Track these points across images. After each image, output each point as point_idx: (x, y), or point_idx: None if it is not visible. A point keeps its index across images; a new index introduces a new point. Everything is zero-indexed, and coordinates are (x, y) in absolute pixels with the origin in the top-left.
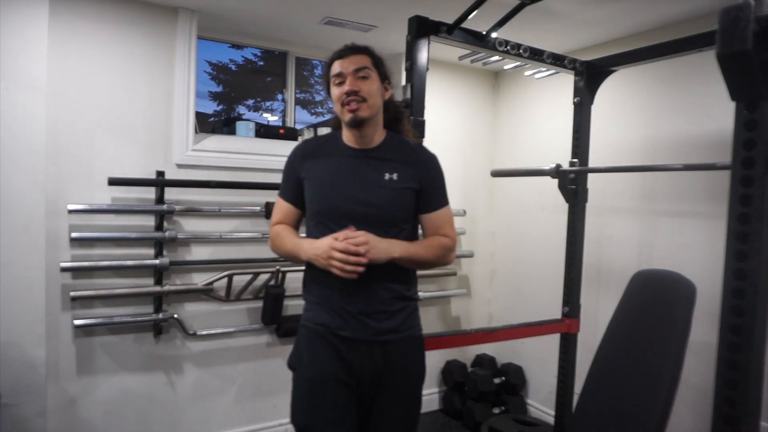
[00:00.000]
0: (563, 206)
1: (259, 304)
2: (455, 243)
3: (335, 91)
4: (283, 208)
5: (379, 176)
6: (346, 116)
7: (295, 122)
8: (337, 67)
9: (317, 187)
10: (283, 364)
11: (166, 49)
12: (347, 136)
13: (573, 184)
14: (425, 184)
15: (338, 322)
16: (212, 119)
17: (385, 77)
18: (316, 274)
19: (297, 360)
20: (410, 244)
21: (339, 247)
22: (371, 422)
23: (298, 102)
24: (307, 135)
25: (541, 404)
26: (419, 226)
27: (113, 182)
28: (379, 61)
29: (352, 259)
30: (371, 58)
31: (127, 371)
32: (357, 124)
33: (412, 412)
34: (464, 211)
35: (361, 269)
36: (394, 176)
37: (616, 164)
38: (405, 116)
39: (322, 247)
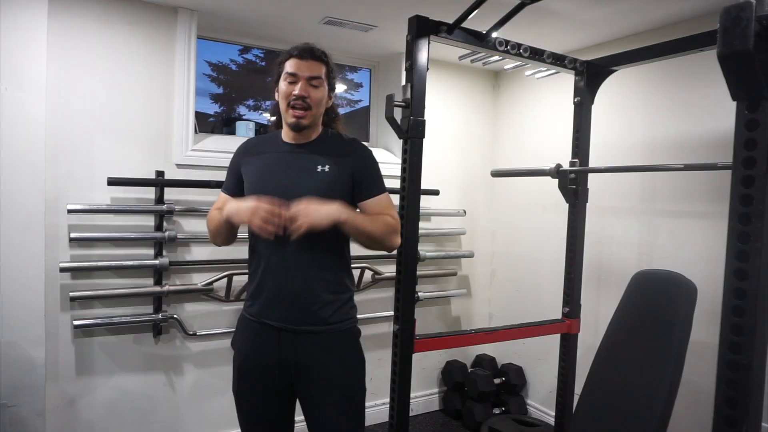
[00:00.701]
0: (563, 206)
1: None
2: (399, 225)
3: (284, 87)
4: (222, 199)
5: (311, 168)
6: (290, 119)
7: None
8: (293, 66)
9: (253, 180)
10: None
11: (166, 49)
12: (286, 133)
13: (573, 184)
14: (359, 175)
15: (268, 312)
16: (212, 119)
17: (332, 88)
18: (255, 265)
19: (233, 343)
20: (356, 213)
21: (267, 203)
22: (310, 409)
23: None
24: None
25: (542, 404)
26: None
27: (113, 182)
28: (332, 72)
29: (276, 219)
30: (326, 68)
31: (127, 371)
32: (298, 130)
33: (349, 401)
34: (464, 211)
35: (280, 230)
36: (326, 168)
37: (616, 164)
38: (340, 119)
39: (250, 203)
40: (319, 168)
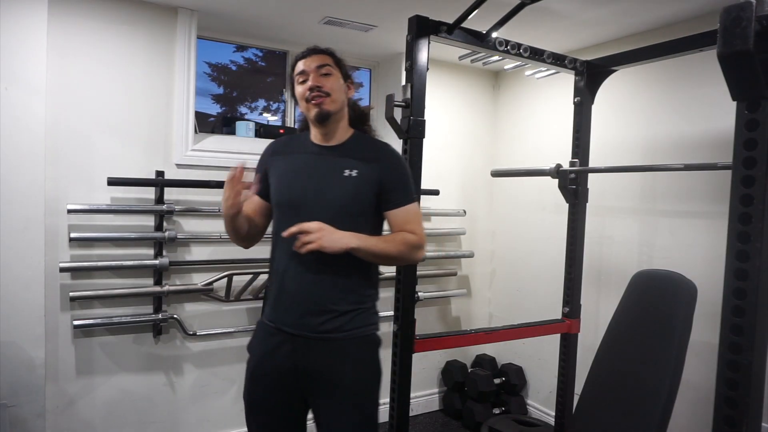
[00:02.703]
0: (563, 206)
1: (259, 304)
2: (422, 239)
3: (299, 89)
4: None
5: (338, 172)
6: (312, 111)
7: (294, 122)
8: (300, 66)
9: (278, 181)
10: None
11: (166, 49)
12: (314, 134)
13: (573, 184)
14: (386, 182)
15: (285, 318)
16: (212, 119)
17: (347, 76)
18: (274, 270)
19: (249, 348)
20: (370, 237)
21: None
22: (321, 419)
23: None
24: None
25: (542, 405)
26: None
27: (112, 182)
28: (340, 61)
29: (235, 182)
30: (332, 57)
31: (127, 372)
32: (323, 119)
33: (361, 413)
34: (464, 211)
35: (294, 229)
36: (354, 173)
37: (616, 164)
38: (369, 118)
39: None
40: (347, 172)
